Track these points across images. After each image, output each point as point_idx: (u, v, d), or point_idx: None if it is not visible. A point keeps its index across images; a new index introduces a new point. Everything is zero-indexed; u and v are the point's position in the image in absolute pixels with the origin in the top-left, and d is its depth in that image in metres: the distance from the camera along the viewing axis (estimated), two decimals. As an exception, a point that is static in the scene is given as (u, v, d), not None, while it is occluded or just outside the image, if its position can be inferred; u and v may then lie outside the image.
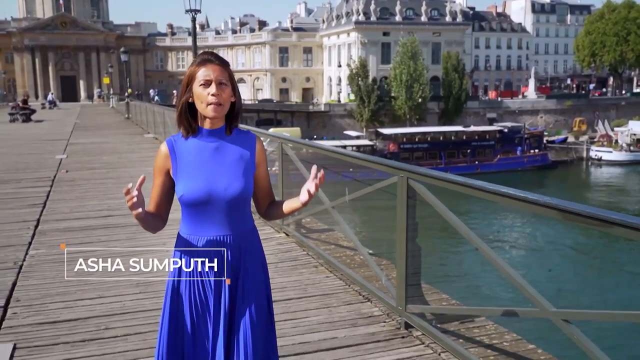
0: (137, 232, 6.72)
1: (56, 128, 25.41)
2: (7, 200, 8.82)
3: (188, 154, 2.33)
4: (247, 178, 2.35)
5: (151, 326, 4.04)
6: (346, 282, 4.87)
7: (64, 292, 4.79)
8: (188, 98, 2.31)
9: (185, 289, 2.32)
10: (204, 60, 2.31)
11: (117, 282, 4.98)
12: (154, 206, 2.38)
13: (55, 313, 4.34)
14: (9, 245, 6.16)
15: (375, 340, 3.77)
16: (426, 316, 3.88)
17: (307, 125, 66.18)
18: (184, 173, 2.31)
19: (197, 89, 2.28)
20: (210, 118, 2.30)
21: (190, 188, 2.28)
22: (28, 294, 4.73)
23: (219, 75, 2.28)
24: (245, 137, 2.42)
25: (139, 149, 16.01)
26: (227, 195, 2.29)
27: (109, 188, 9.77)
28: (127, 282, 4.98)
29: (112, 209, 8.05)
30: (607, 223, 2.49)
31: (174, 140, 2.36)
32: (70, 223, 7.25)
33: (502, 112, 72.12)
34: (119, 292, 4.75)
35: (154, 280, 5.00)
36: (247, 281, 2.34)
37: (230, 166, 2.33)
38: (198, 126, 2.35)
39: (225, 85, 2.29)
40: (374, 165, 4.27)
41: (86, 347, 3.76)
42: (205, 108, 2.28)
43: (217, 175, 2.30)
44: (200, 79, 2.27)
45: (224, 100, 2.29)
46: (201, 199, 2.28)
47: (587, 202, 42.05)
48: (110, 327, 4.07)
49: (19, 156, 14.74)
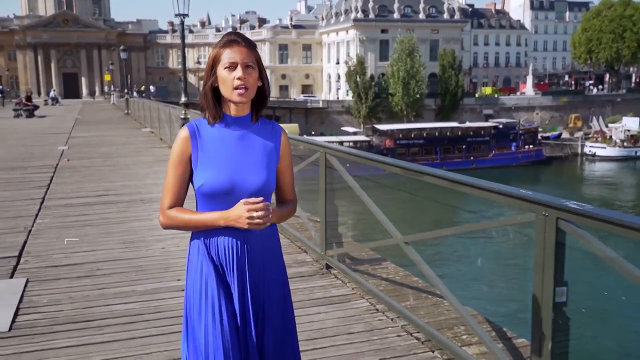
0: (127, 207, 7.93)
1: (58, 123, 26.67)
2: (16, 183, 10.04)
3: (211, 141, 2.19)
4: (271, 171, 2.24)
5: (132, 268, 5.26)
6: (292, 240, 6.04)
7: (65, 247, 5.98)
8: (214, 82, 2.17)
9: (206, 290, 2.18)
10: (230, 41, 2.16)
11: (107, 240, 6.18)
12: (174, 199, 2.21)
13: (57, 261, 5.52)
14: (20, 216, 7.37)
15: (302, 276, 4.94)
16: (345, 260, 5.07)
17: (305, 122, 67.16)
18: (206, 161, 2.17)
19: (221, 72, 2.14)
20: (236, 103, 2.17)
21: (212, 178, 2.14)
22: (36, 249, 5.91)
23: (245, 57, 2.14)
24: (271, 128, 2.29)
25: (135, 141, 17.26)
26: (250, 187, 2.17)
27: (106, 174, 10.99)
28: (115, 240, 6.18)
29: (107, 189, 9.30)
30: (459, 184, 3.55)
31: (196, 125, 2.21)
32: (71, 200, 8.45)
33: (498, 109, 72.92)
34: (108, 247, 5.95)
35: (137, 238, 6.20)
36: (268, 270, 2.25)
37: (255, 157, 2.21)
38: (222, 112, 2.21)
39: (252, 69, 2.15)
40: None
41: (81, 281, 4.94)
42: (230, 93, 2.14)
43: (241, 166, 2.18)
44: (225, 62, 2.14)
45: (250, 84, 2.15)
46: (223, 190, 2.15)
47: (579, 195, 42.92)
48: (100, 269, 5.25)
49: (24, 147, 15.96)
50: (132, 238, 6.23)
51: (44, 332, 3.91)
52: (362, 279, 4.63)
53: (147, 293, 4.61)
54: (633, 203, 44.79)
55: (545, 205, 2.64)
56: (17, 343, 3.74)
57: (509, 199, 2.91)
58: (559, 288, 2.56)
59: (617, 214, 2.36)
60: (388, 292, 4.44)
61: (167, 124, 15.78)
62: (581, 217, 2.49)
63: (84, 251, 5.80)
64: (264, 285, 2.22)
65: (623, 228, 2.34)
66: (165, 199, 2.21)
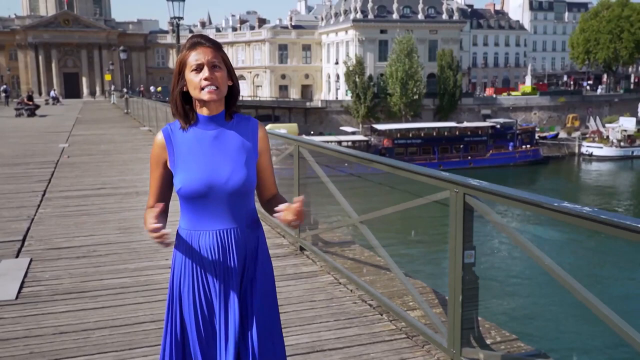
0: (123, 198, 8.50)
1: (59, 122, 27.28)
2: (19, 177, 10.63)
3: (186, 143, 2.19)
4: (250, 168, 2.22)
5: (125, 250, 5.83)
6: (272, 227, 6.59)
7: (65, 232, 6.55)
8: (182, 87, 2.17)
9: (189, 289, 2.21)
10: (194, 44, 2.15)
11: (103, 227, 6.75)
12: (155, 199, 2.26)
13: (58, 244, 6.09)
14: (23, 206, 7.94)
15: (277, 256, 5.50)
16: (317, 244, 5.64)
17: (304, 121, 67.63)
18: (182, 164, 2.17)
19: (189, 75, 2.14)
20: (207, 101, 2.15)
21: (188, 180, 2.14)
22: (39, 234, 6.48)
23: (211, 57, 2.13)
24: (246, 123, 2.27)
25: (133, 139, 17.87)
26: (228, 186, 2.15)
27: (104, 169, 11.58)
28: (111, 227, 6.75)
29: (105, 183, 9.88)
30: None
31: (170, 129, 2.22)
32: (71, 193, 9.03)
33: (496, 109, 73.36)
34: (105, 233, 6.53)
35: (131, 225, 6.76)
36: (255, 271, 2.26)
37: (232, 155, 2.19)
38: (196, 114, 2.20)
39: (219, 68, 2.14)
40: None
41: (80, 261, 5.50)
42: (199, 93, 2.13)
43: (218, 165, 2.16)
44: (192, 64, 2.12)
45: (219, 83, 2.13)
46: (200, 192, 2.14)
47: (574, 197, 43.46)
48: (96, 250, 5.82)
49: (26, 145, 16.55)
50: (127, 225, 6.80)
51: (46, 300, 4.49)
52: (330, 258, 5.19)
53: (137, 270, 5.18)
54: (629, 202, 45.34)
55: (456, 183, 3.16)
56: (22, 309, 4.31)
57: (431, 179, 3.48)
58: (467, 251, 3.09)
59: (509, 190, 2.88)
60: (352, 269, 5.00)
61: (164, 122, 16.37)
62: (482, 192, 3.03)
63: (82, 236, 6.36)
64: (249, 282, 2.24)
65: (516, 201, 2.89)
66: (149, 200, 2.30)
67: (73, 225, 6.87)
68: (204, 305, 2.19)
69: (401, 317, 3.91)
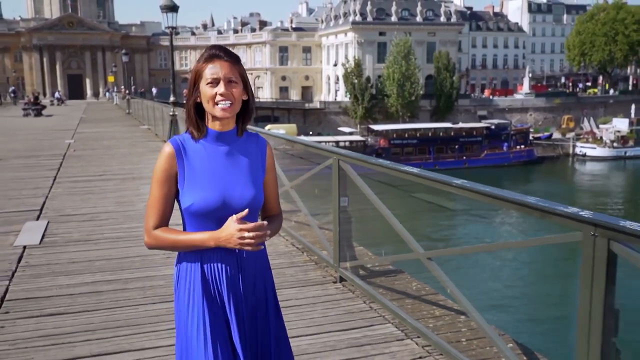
0: (121, 182, 10.06)
1: (65, 121, 28.95)
2: (33, 166, 12.28)
3: (197, 158, 2.13)
4: (258, 186, 2.20)
5: (121, 217, 7.39)
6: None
7: (73, 205, 8.15)
8: (196, 98, 2.13)
9: (199, 314, 2.11)
10: (211, 56, 2.11)
11: (104, 201, 8.29)
12: (160, 221, 2.14)
13: (68, 212, 7.69)
14: (38, 187, 9.55)
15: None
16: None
17: (303, 122, 68.65)
18: (194, 179, 2.11)
19: (204, 87, 2.10)
20: (220, 118, 2.12)
21: (202, 197, 2.08)
22: (53, 206, 8.07)
23: (228, 72, 2.09)
24: (256, 141, 2.25)
25: (133, 136, 19.62)
26: (239, 204, 2.11)
27: (105, 160, 13.24)
28: (110, 201, 8.31)
29: (106, 171, 11.55)
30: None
31: (180, 141, 2.15)
32: (77, 178, 10.68)
33: (492, 110, 73.98)
34: (105, 205, 8.13)
35: (126, 200, 8.30)
36: (265, 290, 2.25)
37: (243, 173, 2.17)
38: (207, 127, 2.16)
39: (235, 83, 2.11)
40: None
41: (85, 223, 7.09)
42: (212, 108, 2.10)
43: (230, 183, 2.13)
44: (208, 77, 2.09)
45: (234, 99, 2.10)
46: (214, 209, 2.09)
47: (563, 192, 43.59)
48: (99, 216, 7.42)
49: (35, 141, 18.18)
50: (123, 200, 8.39)
51: (61, 245, 6.08)
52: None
53: (131, 228, 6.75)
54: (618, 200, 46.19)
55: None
56: (44, 252, 5.87)
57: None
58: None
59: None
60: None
61: (161, 121, 18.02)
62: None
63: (87, 207, 7.97)
64: (259, 308, 2.22)
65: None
66: (150, 219, 2.14)
67: (80, 200, 8.44)
68: (216, 334, 2.12)
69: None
